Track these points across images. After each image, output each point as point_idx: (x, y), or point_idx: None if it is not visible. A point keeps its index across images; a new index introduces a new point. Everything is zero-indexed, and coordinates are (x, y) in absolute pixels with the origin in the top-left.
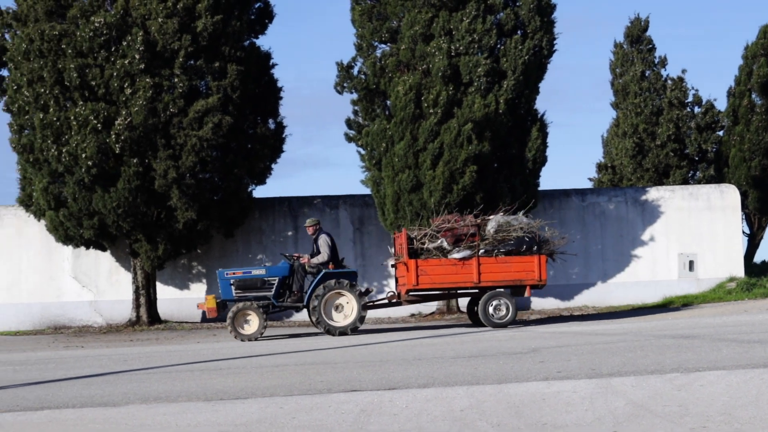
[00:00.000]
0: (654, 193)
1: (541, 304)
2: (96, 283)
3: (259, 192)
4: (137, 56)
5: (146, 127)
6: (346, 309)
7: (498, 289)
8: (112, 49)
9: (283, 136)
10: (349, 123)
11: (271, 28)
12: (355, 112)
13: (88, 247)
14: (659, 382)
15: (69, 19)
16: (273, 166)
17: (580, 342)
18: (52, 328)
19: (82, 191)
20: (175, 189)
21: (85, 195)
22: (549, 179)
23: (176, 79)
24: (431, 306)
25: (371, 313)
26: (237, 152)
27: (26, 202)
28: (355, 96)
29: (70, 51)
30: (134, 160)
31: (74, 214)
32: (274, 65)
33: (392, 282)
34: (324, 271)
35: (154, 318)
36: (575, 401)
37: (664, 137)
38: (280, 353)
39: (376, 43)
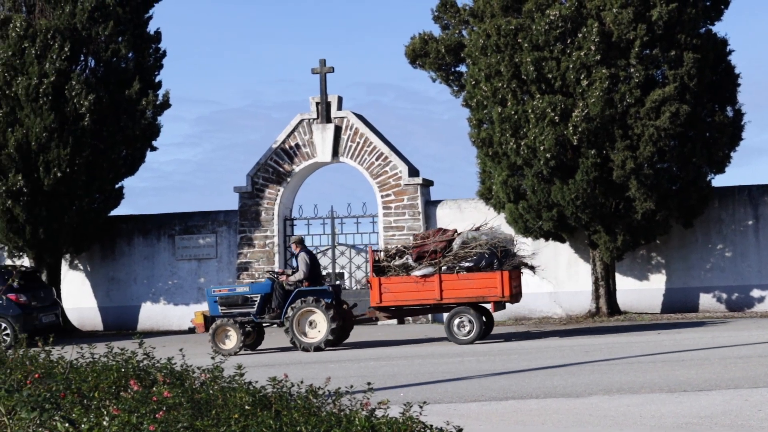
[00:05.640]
0: None
1: None
2: (555, 274)
3: (717, 181)
4: (593, 47)
5: (603, 119)
6: (319, 325)
7: (462, 306)
8: (568, 41)
9: (742, 123)
10: None
11: (727, 14)
12: None
13: (546, 239)
14: None
15: (524, 13)
16: (732, 154)
17: None
18: (512, 320)
19: (540, 183)
20: (633, 179)
21: (543, 187)
22: None
23: (632, 69)
24: None
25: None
26: (695, 141)
27: (486, 195)
28: None
29: (526, 45)
30: (592, 151)
31: (533, 206)
32: (730, 52)
33: None
34: (297, 289)
35: (613, 309)
36: None
37: None
38: (744, 344)
39: None
